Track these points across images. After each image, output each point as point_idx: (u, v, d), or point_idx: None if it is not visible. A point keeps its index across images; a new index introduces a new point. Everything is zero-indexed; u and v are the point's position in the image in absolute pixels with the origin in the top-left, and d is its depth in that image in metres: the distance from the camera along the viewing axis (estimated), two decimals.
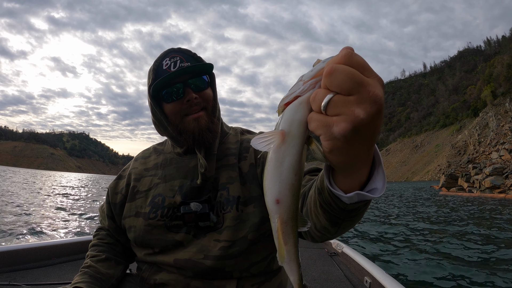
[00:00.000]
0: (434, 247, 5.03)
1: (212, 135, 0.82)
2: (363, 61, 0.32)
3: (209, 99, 0.83)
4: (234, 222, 0.77)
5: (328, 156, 0.35)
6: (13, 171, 72.35)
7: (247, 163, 0.84)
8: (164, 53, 0.83)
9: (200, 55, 0.85)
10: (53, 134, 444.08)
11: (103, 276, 0.84)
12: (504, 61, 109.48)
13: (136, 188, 0.90)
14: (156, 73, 0.81)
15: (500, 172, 21.96)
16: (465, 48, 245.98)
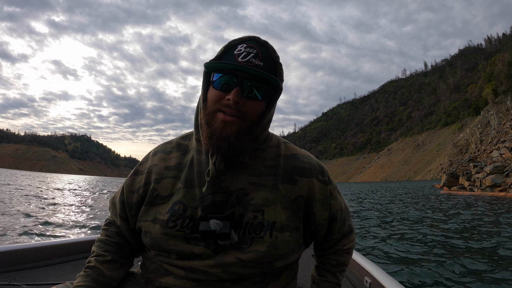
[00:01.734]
0: (434, 247, 5.04)
1: (232, 148, 0.71)
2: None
3: (252, 112, 0.71)
4: (265, 248, 0.72)
5: None
6: (25, 175, 72.64)
7: (295, 190, 0.77)
8: (247, 37, 0.74)
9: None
10: (55, 137, 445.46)
11: (106, 279, 0.81)
12: (505, 59, 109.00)
13: (157, 191, 0.81)
14: (225, 52, 0.73)
15: (501, 170, 21.89)
16: (465, 47, 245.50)
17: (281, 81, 0.72)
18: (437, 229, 6.89)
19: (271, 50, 0.74)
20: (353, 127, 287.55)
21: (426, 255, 4.52)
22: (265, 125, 0.75)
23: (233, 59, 0.70)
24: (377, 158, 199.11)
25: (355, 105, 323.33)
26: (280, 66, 0.74)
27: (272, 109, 0.75)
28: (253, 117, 0.72)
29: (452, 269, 3.78)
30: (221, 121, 0.70)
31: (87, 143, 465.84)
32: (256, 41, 0.74)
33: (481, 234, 6.16)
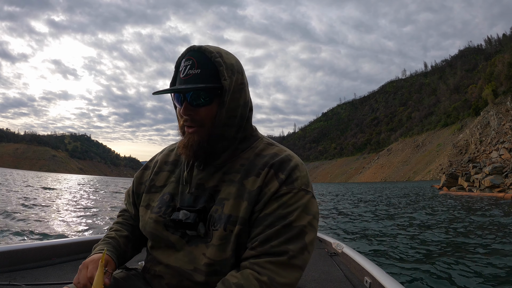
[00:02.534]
0: (433, 247, 5.06)
1: (205, 151, 0.78)
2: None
3: (206, 117, 0.75)
4: (219, 242, 0.75)
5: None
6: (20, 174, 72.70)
7: (257, 183, 0.76)
8: (185, 51, 0.76)
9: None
10: (54, 136, 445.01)
11: (122, 252, 0.87)
12: (505, 60, 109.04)
13: (154, 182, 0.92)
14: (176, 73, 0.79)
15: (500, 171, 21.92)
16: (466, 47, 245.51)
17: (225, 78, 0.73)
18: (436, 229, 6.93)
19: (207, 52, 0.74)
20: (353, 127, 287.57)
21: (425, 255, 4.55)
22: (230, 122, 0.77)
23: (179, 78, 0.76)
24: (377, 159, 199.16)
25: (355, 106, 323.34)
26: (220, 62, 0.73)
27: (224, 107, 0.74)
28: (209, 121, 0.75)
29: (452, 269, 3.81)
30: (187, 134, 0.77)
31: (87, 142, 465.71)
32: (192, 50, 0.75)
33: (480, 234, 6.19)
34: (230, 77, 0.74)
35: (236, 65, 0.77)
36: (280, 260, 0.68)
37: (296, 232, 0.71)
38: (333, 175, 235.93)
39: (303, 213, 0.73)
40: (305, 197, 0.75)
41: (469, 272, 3.71)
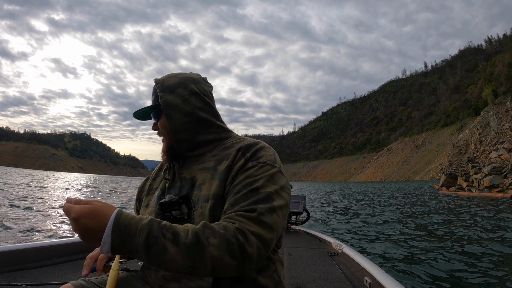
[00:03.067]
0: (433, 247, 5.09)
1: (177, 153, 0.96)
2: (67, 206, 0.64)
3: (163, 127, 0.95)
4: (198, 219, 0.82)
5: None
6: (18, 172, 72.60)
7: (224, 164, 0.87)
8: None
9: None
10: (54, 135, 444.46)
11: None
12: (505, 60, 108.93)
13: (152, 186, 1.06)
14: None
15: (499, 171, 21.94)
16: (466, 47, 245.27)
17: (161, 97, 0.91)
18: (434, 229, 6.96)
19: (155, 82, 0.96)
20: (353, 126, 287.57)
21: (424, 255, 4.57)
22: (179, 127, 0.92)
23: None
24: (377, 158, 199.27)
25: (355, 105, 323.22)
26: (158, 86, 0.93)
27: (170, 116, 0.91)
28: (165, 130, 0.94)
29: (451, 268, 3.83)
30: (163, 143, 0.98)
31: (86, 141, 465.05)
32: (155, 81, 0.97)
33: (478, 234, 6.22)
34: (166, 94, 0.91)
35: (177, 83, 0.93)
36: (249, 215, 0.72)
37: (263, 196, 0.76)
38: (332, 175, 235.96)
39: (269, 182, 0.79)
40: (271, 170, 0.82)
41: (469, 272, 3.73)
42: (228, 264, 0.66)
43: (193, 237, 0.66)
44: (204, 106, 0.95)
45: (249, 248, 0.68)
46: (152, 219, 0.66)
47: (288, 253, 2.78)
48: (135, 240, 0.63)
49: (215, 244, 0.66)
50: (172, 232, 0.65)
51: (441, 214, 9.99)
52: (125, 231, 0.63)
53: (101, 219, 0.63)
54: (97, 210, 0.63)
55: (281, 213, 0.77)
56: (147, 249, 0.63)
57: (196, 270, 0.65)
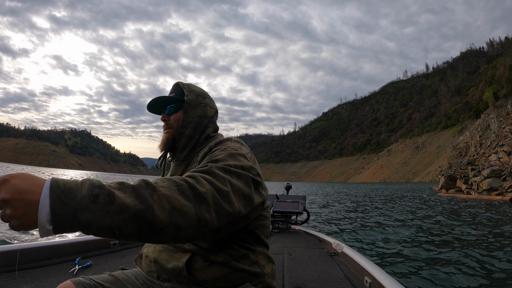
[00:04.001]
0: (432, 247, 5.14)
1: (173, 146, 1.07)
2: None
3: (174, 122, 1.07)
4: None
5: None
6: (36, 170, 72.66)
7: (199, 159, 0.98)
8: (173, 85, 1.14)
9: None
10: (55, 132, 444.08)
11: None
12: (506, 63, 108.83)
13: None
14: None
15: (498, 174, 21.96)
16: (467, 50, 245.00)
17: (187, 95, 1.07)
18: (433, 230, 7.02)
19: (180, 83, 1.11)
20: (353, 127, 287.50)
21: (424, 255, 4.61)
22: (188, 124, 1.06)
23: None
24: (377, 159, 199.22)
25: (355, 106, 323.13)
26: (186, 87, 1.09)
27: (187, 112, 1.06)
28: (176, 123, 1.07)
29: (451, 268, 3.87)
30: (164, 134, 1.10)
31: (87, 138, 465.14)
32: (173, 85, 1.13)
33: (477, 235, 6.27)
34: (191, 95, 1.07)
35: (200, 92, 1.11)
36: (201, 168, 0.75)
37: (221, 165, 0.78)
38: (332, 175, 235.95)
39: (229, 158, 0.83)
40: (234, 151, 0.87)
41: (468, 272, 3.77)
42: (184, 205, 0.62)
43: (140, 181, 0.64)
44: (212, 119, 1.12)
45: (201, 188, 0.66)
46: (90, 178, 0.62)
47: (288, 253, 2.76)
48: (77, 194, 0.55)
49: (164, 186, 0.64)
50: (116, 182, 0.62)
51: (439, 216, 10.06)
52: (65, 187, 0.55)
53: (35, 180, 0.55)
54: (28, 174, 0.56)
55: (238, 180, 0.76)
56: (93, 201, 0.55)
57: (153, 215, 0.59)
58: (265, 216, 0.95)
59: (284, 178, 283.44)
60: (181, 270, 0.85)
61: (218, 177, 0.72)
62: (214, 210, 0.66)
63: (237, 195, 0.74)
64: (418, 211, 11.83)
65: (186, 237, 0.64)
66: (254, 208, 0.80)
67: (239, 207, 0.73)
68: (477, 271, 3.80)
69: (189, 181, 0.66)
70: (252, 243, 0.92)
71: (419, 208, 13.27)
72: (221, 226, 0.68)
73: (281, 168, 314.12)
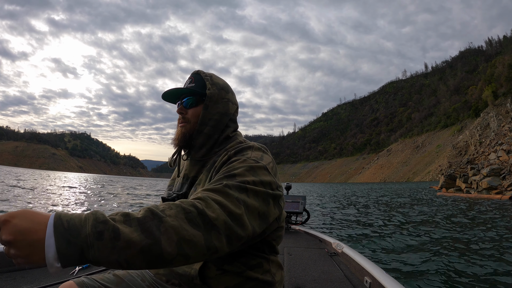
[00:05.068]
0: (431, 247, 5.15)
1: (189, 143, 0.98)
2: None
3: (193, 116, 0.97)
4: None
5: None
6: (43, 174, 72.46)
7: (215, 165, 0.92)
8: (192, 73, 1.04)
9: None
10: (54, 134, 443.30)
11: None
12: (505, 61, 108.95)
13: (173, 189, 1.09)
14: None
15: (498, 173, 22.00)
16: (466, 48, 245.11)
17: (206, 88, 0.97)
18: (432, 230, 7.04)
19: (201, 73, 1.01)
20: (353, 127, 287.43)
21: (424, 255, 4.62)
22: (208, 121, 0.97)
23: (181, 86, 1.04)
24: (377, 159, 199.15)
25: (355, 106, 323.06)
26: (208, 79, 0.98)
27: (208, 108, 0.96)
28: (194, 119, 0.97)
29: (450, 268, 3.88)
30: (178, 128, 1.00)
31: (86, 141, 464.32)
32: (193, 73, 1.02)
33: (477, 235, 6.30)
34: (214, 89, 0.97)
35: (223, 85, 1.01)
36: (214, 187, 0.71)
37: (237, 182, 0.73)
38: (332, 175, 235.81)
39: (248, 172, 0.77)
40: (254, 164, 0.81)
41: (467, 271, 3.79)
42: (192, 235, 0.60)
43: (146, 211, 0.60)
44: (233, 117, 1.03)
45: (210, 213, 0.63)
46: (95, 210, 0.59)
47: (288, 253, 2.77)
48: (82, 231, 0.53)
49: (172, 214, 0.61)
50: (121, 214, 0.59)
51: (438, 216, 10.12)
52: (69, 224, 0.53)
53: (37, 217, 0.53)
54: (29, 211, 0.54)
55: (254, 199, 0.72)
56: (98, 238, 0.53)
57: (161, 248, 0.57)
58: (282, 227, 0.93)
59: (284, 179, 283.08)
60: (194, 278, 0.84)
61: (231, 197, 0.69)
62: (225, 236, 0.64)
63: (252, 215, 0.71)
64: (417, 211, 11.87)
65: (196, 261, 0.63)
66: (273, 224, 0.80)
67: (253, 229, 0.70)
68: (477, 271, 3.80)
69: (198, 207, 0.63)
70: (267, 253, 0.91)
71: (418, 208, 13.31)
72: (233, 247, 0.67)
73: (281, 169, 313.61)
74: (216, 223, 0.63)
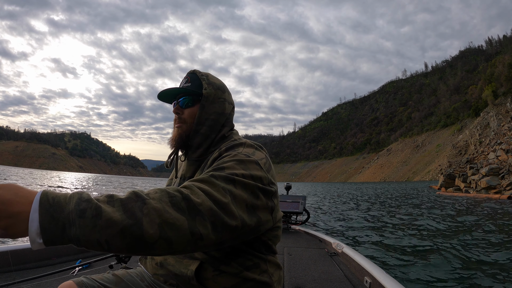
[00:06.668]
0: (431, 247, 5.19)
1: (186, 143, 0.98)
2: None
3: (189, 116, 0.97)
4: None
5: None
6: None
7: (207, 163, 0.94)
8: (188, 72, 1.03)
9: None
10: (54, 134, 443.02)
11: None
12: (505, 61, 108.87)
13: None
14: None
15: (496, 172, 22.06)
16: (466, 48, 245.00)
17: (203, 87, 0.96)
18: (433, 229, 7.12)
19: (197, 73, 1.00)
20: (353, 127, 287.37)
21: (424, 255, 4.66)
22: (204, 121, 0.96)
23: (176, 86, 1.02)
24: (377, 159, 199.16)
25: (355, 105, 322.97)
26: (204, 78, 0.98)
27: (204, 108, 0.96)
28: (191, 119, 0.97)
29: (450, 268, 3.92)
30: (175, 129, 0.99)
31: (86, 140, 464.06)
32: (189, 72, 1.01)
33: (476, 235, 6.35)
34: (210, 89, 0.97)
35: (219, 84, 1.00)
36: (201, 178, 0.71)
37: (224, 173, 0.73)
38: (332, 175, 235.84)
39: (237, 165, 0.77)
40: (245, 158, 0.80)
41: (467, 271, 3.83)
42: (175, 218, 0.59)
43: (130, 193, 0.61)
44: (229, 117, 1.03)
45: (195, 199, 0.63)
46: (81, 190, 0.60)
47: (288, 253, 2.77)
48: (65, 208, 0.54)
49: (155, 197, 0.61)
50: (105, 195, 0.60)
51: (438, 215, 10.21)
52: (54, 201, 0.54)
53: (22, 191, 0.54)
54: (15, 185, 0.55)
55: (242, 190, 0.71)
56: (80, 215, 0.54)
57: (142, 229, 0.56)
58: (279, 227, 0.92)
59: (284, 178, 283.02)
60: (191, 279, 0.83)
61: (218, 187, 0.68)
62: (210, 223, 0.63)
63: (240, 206, 0.69)
64: (417, 210, 11.96)
65: (181, 250, 0.61)
66: (266, 220, 0.77)
67: (243, 219, 0.69)
68: (477, 271, 3.84)
69: (183, 192, 0.63)
70: (264, 253, 0.90)
71: (417, 207, 13.40)
72: (222, 239, 0.65)
73: (281, 169, 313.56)
74: (200, 209, 0.62)
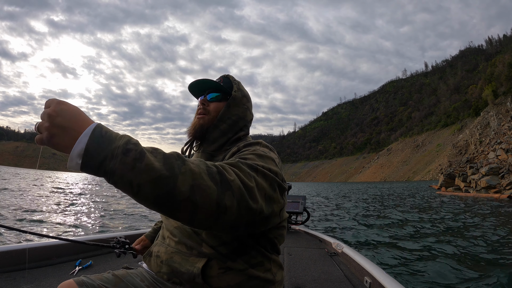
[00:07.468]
0: (431, 247, 5.21)
1: (203, 135, 1.03)
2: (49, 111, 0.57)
3: (214, 109, 1.03)
4: None
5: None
6: None
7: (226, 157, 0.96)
8: (222, 75, 1.12)
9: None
10: None
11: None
12: (505, 60, 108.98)
13: None
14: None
15: (496, 172, 22.08)
16: (466, 47, 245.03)
17: (233, 89, 1.05)
18: (433, 229, 7.15)
19: (230, 77, 1.10)
20: (353, 127, 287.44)
21: (423, 255, 4.68)
22: (226, 119, 1.03)
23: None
24: (377, 158, 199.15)
25: (355, 105, 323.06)
26: (235, 83, 1.08)
27: (229, 107, 1.03)
28: (215, 113, 1.03)
29: (450, 268, 3.94)
30: (196, 119, 1.04)
31: None
32: (223, 75, 1.11)
33: (476, 235, 6.37)
34: (239, 93, 1.06)
35: (246, 93, 1.10)
36: (229, 161, 0.74)
37: (249, 162, 0.76)
38: (332, 175, 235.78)
39: (257, 158, 0.80)
40: (264, 154, 0.84)
41: (467, 270, 3.85)
42: (207, 186, 0.61)
43: (172, 152, 0.65)
44: (247, 124, 1.10)
45: (229, 176, 0.66)
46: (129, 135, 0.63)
47: (288, 253, 2.77)
48: (113, 144, 0.58)
49: (195, 163, 0.64)
50: (151, 147, 0.64)
51: (438, 215, 10.23)
52: (106, 134, 0.59)
53: (83, 116, 0.60)
54: (79, 109, 0.61)
55: (263, 180, 0.74)
56: (125, 153, 0.57)
57: (175, 185, 0.59)
58: (284, 226, 0.94)
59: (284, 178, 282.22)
60: (196, 277, 0.83)
61: (245, 172, 0.71)
62: (236, 200, 0.64)
63: (261, 194, 0.71)
64: (417, 210, 11.99)
65: (201, 220, 0.62)
66: (275, 215, 0.77)
67: (262, 206, 0.70)
68: (477, 270, 3.87)
69: (218, 167, 0.66)
70: (269, 251, 0.92)
71: (417, 207, 13.43)
72: (240, 221, 0.66)
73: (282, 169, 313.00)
74: (232, 185, 0.64)
